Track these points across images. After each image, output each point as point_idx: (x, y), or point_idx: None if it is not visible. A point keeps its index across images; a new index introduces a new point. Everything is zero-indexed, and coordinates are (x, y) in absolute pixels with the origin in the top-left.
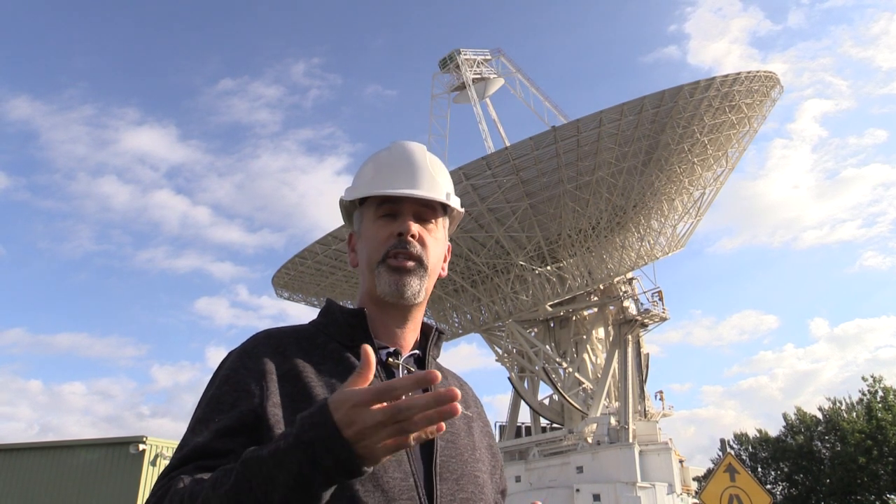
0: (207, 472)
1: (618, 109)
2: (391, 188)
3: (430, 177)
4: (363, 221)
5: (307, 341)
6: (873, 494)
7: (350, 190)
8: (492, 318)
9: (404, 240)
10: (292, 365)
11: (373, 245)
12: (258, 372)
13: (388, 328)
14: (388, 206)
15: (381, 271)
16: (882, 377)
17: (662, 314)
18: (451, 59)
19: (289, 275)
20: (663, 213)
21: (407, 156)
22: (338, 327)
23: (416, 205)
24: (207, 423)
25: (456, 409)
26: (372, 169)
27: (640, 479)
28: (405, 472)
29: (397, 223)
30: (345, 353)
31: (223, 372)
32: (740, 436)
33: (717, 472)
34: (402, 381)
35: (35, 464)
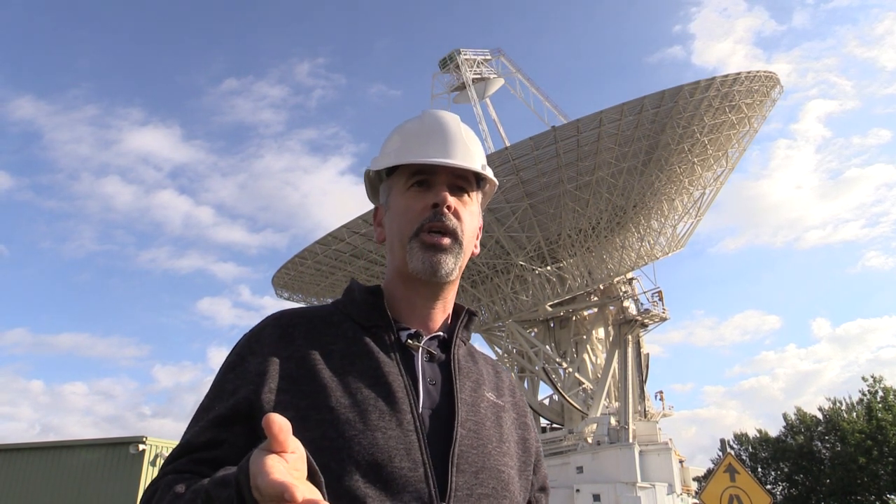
0: (202, 465)
1: (618, 109)
2: (424, 157)
3: (465, 146)
4: (391, 193)
5: (321, 321)
6: (873, 495)
7: (377, 160)
8: (492, 319)
9: (440, 212)
10: (299, 346)
11: (405, 218)
12: (262, 355)
13: (415, 307)
14: (421, 175)
15: (414, 246)
16: (882, 377)
17: (662, 314)
18: (450, 59)
19: (289, 275)
20: (663, 214)
21: (440, 124)
22: (355, 306)
23: (451, 175)
24: (207, 411)
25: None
26: (401, 138)
27: (640, 480)
28: (415, 461)
29: (431, 194)
30: (360, 334)
31: (230, 358)
32: (740, 436)
33: (717, 472)
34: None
35: (35, 464)
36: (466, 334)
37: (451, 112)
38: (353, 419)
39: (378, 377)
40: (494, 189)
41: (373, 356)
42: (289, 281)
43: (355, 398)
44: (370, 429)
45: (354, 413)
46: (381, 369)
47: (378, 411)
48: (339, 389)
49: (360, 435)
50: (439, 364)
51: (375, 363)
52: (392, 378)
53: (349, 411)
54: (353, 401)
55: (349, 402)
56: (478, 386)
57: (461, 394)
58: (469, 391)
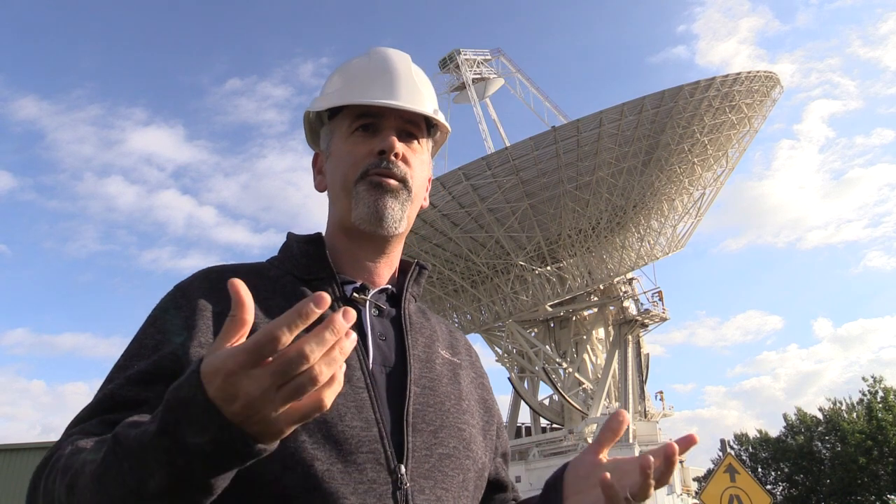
0: (112, 427)
1: (618, 109)
2: (370, 98)
3: (416, 87)
4: (333, 138)
5: (256, 275)
6: (873, 495)
7: (318, 100)
8: (492, 319)
9: (386, 158)
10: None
11: (347, 163)
12: (189, 310)
13: (358, 261)
14: (366, 119)
15: (360, 191)
16: (882, 377)
17: (662, 314)
18: (450, 59)
19: None
20: (663, 214)
21: (388, 62)
22: (293, 259)
23: (399, 119)
24: (125, 369)
25: (349, 311)
26: (345, 77)
27: None
28: (367, 420)
29: (377, 139)
30: (300, 287)
31: (152, 312)
32: (740, 436)
33: (717, 472)
34: (278, 322)
35: (35, 464)
36: (417, 289)
37: (451, 112)
38: None
39: None
40: (447, 137)
41: None
42: None
43: None
44: None
45: None
46: None
47: None
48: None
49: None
50: (389, 319)
51: (318, 318)
52: None
53: None
54: None
55: None
56: (431, 342)
57: (413, 349)
58: (422, 347)
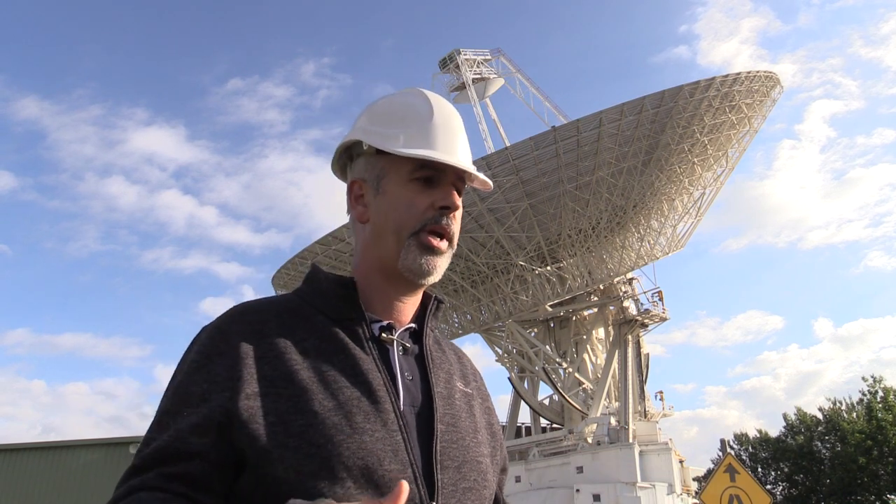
0: (173, 481)
1: (618, 109)
2: (435, 150)
3: (467, 145)
4: (387, 177)
5: (290, 314)
6: (873, 495)
7: (378, 137)
8: (492, 319)
9: (448, 216)
10: (272, 344)
11: (407, 213)
12: (232, 357)
13: (390, 300)
14: (428, 171)
15: (412, 245)
16: (882, 377)
17: (662, 314)
18: (450, 59)
19: (288, 275)
20: (663, 214)
21: (449, 116)
22: (324, 298)
23: (454, 176)
24: (175, 416)
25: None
26: (407, 119)
27: (640, 480)
28: (402, 462)
29: (438, 193)
30: (333, 328)
31: (192, 356)
32: (740, 436)
33: (717, 472)
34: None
35: (35, 464)
36: (435, 323)
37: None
38: (340, 422)
39: (357, 375)
40: (487, 189)
41: (349, 352)
42: (288, 281)
43: (338, 399)
44: (357, 432)
45: (339, 416)
46: (359, 366)
47: (362, 412)
48: (320, 391)
49: (349, 439)
50: (413, 356)
51: (353, 360)
52: (371, 375)
53: (334, 414)
54: (337, 402)
55: (333, 405)
56: (450, 377)
57: (437, 387)
58: (443, 384)
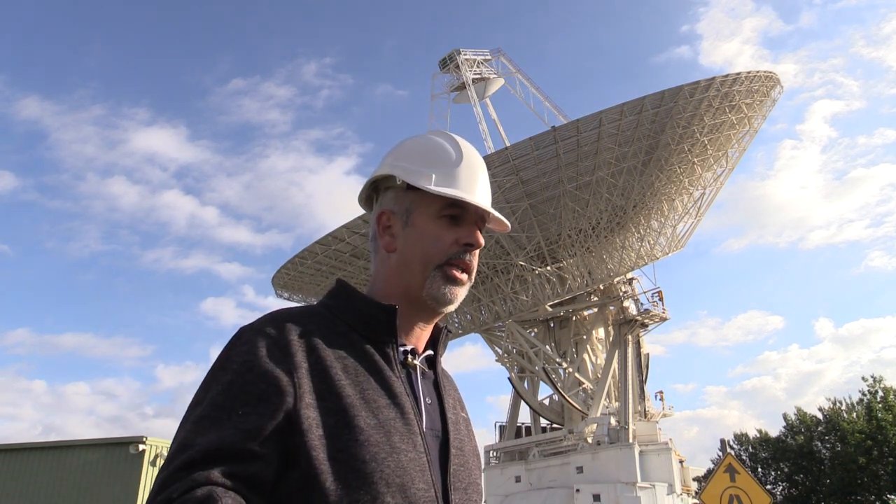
0: (238, 481)
1: (618, 109)
2: (462, 191)
3: (487, 186)
4: (416, 212)
5: (329, 330)
6: (873, 495)
7: (412, 174)
8: (492, 319)
9: (471, 252)
10: (319, 356)
11: (435, 246)
12: (287, 364)
13: (413, 327)
14: (455, 210)
15: (437, 276)
16: (882, 377)
17: (662, 314)
18: (450, 59)
19: (289, 275)
20: (663, 214)
21: (474, 160)
22: (359, 317)
23: (475, 215)
24: (231, 414)
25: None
26: (437, 160)
27: (640, 480)
28: (428, 482)
29: (463, 231)
30: (368, 348)
31: (242, 356)
32: (740, 436)
33: (717, 472)
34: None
35: (35, 464)
36: (443, 350)
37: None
38: (382, 441)
39: (392, 396)
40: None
41: (383, 373)
42: (289, 281)
43: (378, 418)
44: (395, 451)
45: (381, 434)
46: (392, 388)
47: (398, 433)
48: (363, 408)
49: (389, 458)
50: (430, 382)
51: (387, 381)
52: (402, 398)
53: (376, 432)
54: (378, 421)
55: (375, 423)
56: (455, 403)
57: (448, 413)
58: (451, 410)
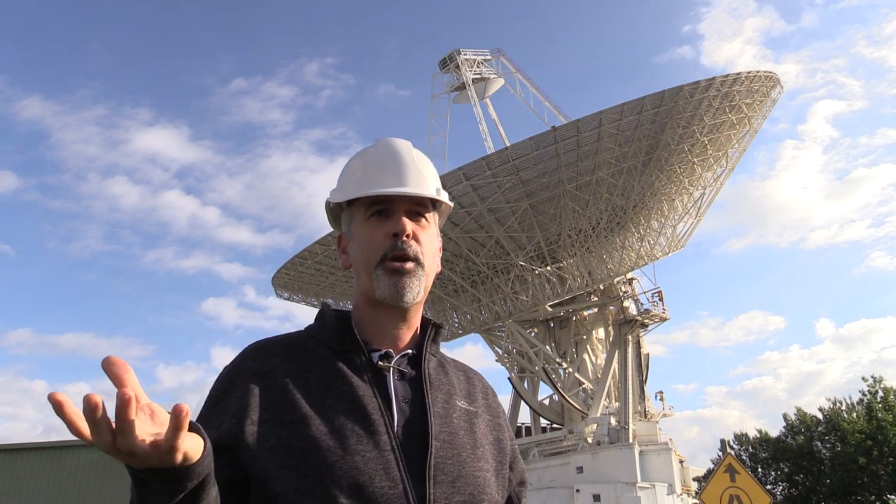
0: None
1: (618, 110)
2: (380, 187)
3: (419, 172)
4: (353, 223)
5: (296, 349)
6: (873, 495)
7: (337, 191)
8: (492, 319)
9: (400, 240)
10: (277, 377)
11: (367, 247)
12: (242, 389)
13: (384, 329)
14: (379, 205)
15: (380, 274)
16: (882, 377)
17: (662, 314)
18: (450, 59)
19: (289, 275)
20: (663, 214)
21: (393, 153)
22: (327, 332)
23: (407, 203)
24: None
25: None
26: (358, 168)
27: (640, 480)
28: (393, 479)
29: (391, 223)
30: (334, 360)
31: (212, 392)
32: (740, 436)
33: (717, 472)
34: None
35: (35, 464)
36: (435, 347)
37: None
38: (333, 446)
39: (354, 401)
40: (450, 209)
41: (347, 380)
42: (289, 281)
43: (333, 425)
44: (349, 453)
45: (334, 440)
46: (355, 393)
47: (356, 435)
48: (317, 417)
49: (341, 460)
50: (410, 380)
51: (350, 387)
52: (367, 401)
53: (328, 438)
54: (332, 427)
55: (328, 429)
56: (449, 397)
57: (434, 407)
58: (441, 403)
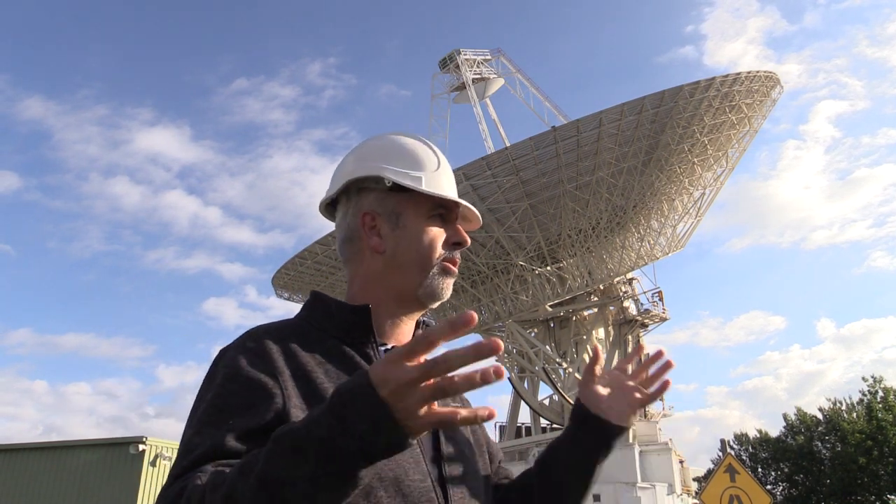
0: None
1: (618, 110)
2: (450, 193)
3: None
4: (405, 213)
5: (305, 337)
6: (873, 495)
7: (406, 177)
8: (492, 319)
9: (460, 250)
10: (300, 362)
11: (429, 245)
12: (272, 369)
13: (398, 325)
14: (443, 210)
15: (435, 273)
16: (882, 377)
17: (662, 314)
18: (450, 59)
19: (289, 275)
20: (663, 214)
21: (447, 164)
22: (334, 322)
23: (456, 213)
24: (218, 424)
25: (500, 370)
26: (418, 161)
27: (640, 480)
28: (422, 472)
29: (451, 230)
30: (347, 350)
31: (226, 370)
32: (740, 436)
33: (717, 472)
34: (432, 329)
35: (35, 464)
36: None
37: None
38: None
39: None
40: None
41: None
42: (289, 281)
43: None
44: None
45: None
46: None
47: None
48: None
49: None
50: None
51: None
52: None
53: None
54: None
55: None
56: None
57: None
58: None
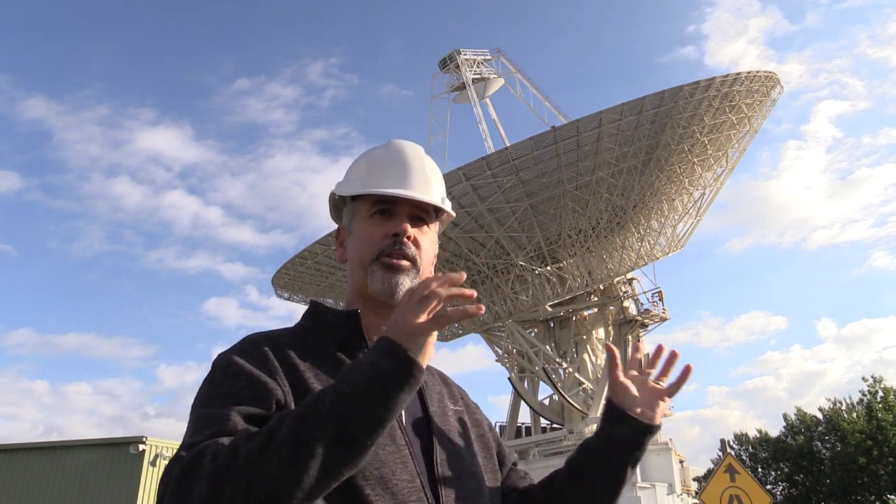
0: None
1: (618, 110)
2: (387, 187)
3: (426, 178)
4: (355, 218)
5: (300, 345)
6: (873, 495)
7: (343, 185)
8: (492, 319)
9: (399, 240)
10: (293, 364)
11: (366, 243)
12: (270, 370)
13: (379, 328)
14: (383, 205)
15: (375, 269)
16: (882, 377)
17: (662, 314)
18: (450, 59)
19: (289, 275)
20: (663, 214)
21: (403, 155)
22: (329, 329)
23: (410, 206)
24: (226, 406)
25: (471, 294)
26: (366, 166)
27: (639, 480)
28: (411, 473)
29: (392, 223)
30: (338, 355)
31: (226, 369)
32: (740, 436)
33: (717, 472)
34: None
35: (35, 464)
36: None
37: (451, 112)
38: None
39: None
40: (451, 218)
41: None
42: (289, 281)
43: None
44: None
45: None
46: None
47: None
48: None
49: None
50: None
51: None
52: None
53: None
54: None
55: None
56: (441, 397)
57: (431, 406)
58: (437, 403)
